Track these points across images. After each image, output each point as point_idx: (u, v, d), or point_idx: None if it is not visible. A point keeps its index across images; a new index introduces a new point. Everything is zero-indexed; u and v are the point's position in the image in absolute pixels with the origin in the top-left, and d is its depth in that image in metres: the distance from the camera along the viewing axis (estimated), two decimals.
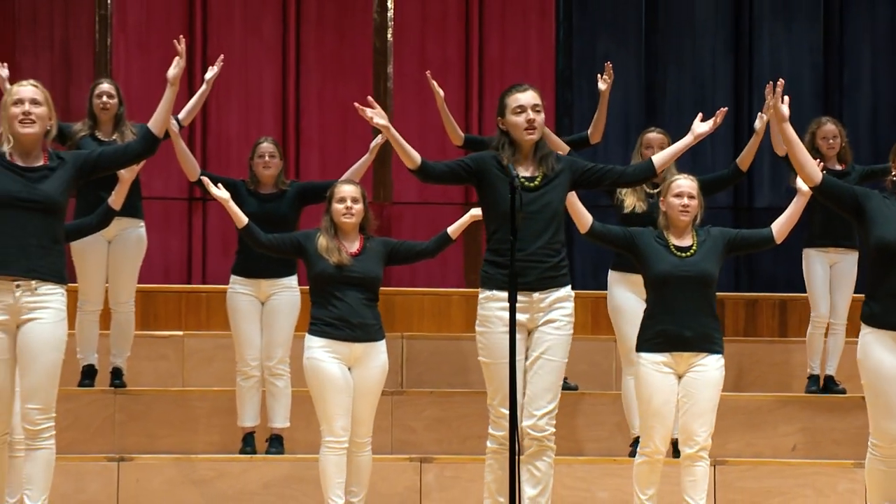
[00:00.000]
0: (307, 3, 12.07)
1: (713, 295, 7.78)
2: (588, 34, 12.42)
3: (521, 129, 7.03)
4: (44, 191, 6.66)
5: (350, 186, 8.20)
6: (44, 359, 6.68)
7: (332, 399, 8.02)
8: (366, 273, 8.05)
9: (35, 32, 11.77)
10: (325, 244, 8.05)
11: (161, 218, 11.60)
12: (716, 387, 7.72)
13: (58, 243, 6.74)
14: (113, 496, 9.02)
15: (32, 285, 6.66)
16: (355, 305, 8.02)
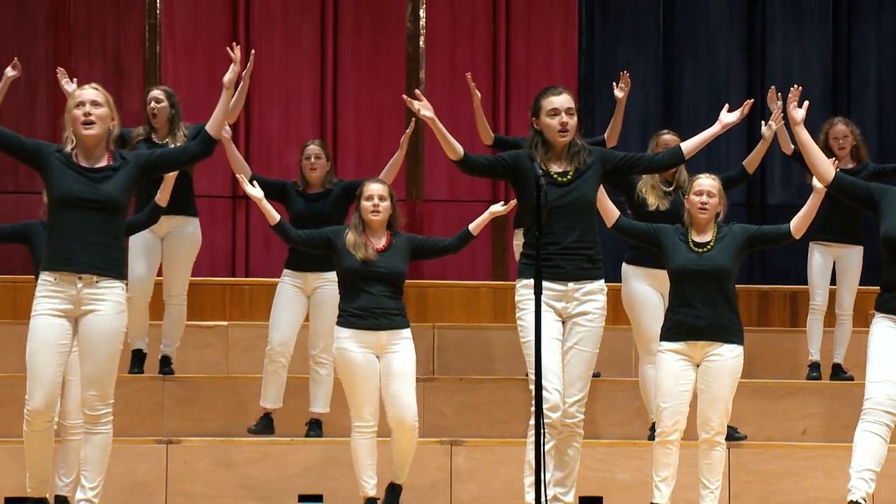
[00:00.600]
0: (344, 13, 12.09)
1: (730, 288, 7.77)
2: (609, 41, 12.41)
3: (555, 132, 7.05)
4: (105, 191, 6.70)
5: (378, 185, 8.22)
6: (103, 349, 6.72)
7: (359, 386, 8.06)
8: (390, 268, 8.07)
9: (90, 41, 11.81)
10: (352, 240, 8.09)
11: (207, 215, 11.61)
12: (730, 375, 7.73)
13: (118, 240, 6.77)
14: (162, 477, 9.05)
15: (93, 279, 6.70)
16: (379, 297, 8.05)
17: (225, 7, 11.94)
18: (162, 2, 11.90)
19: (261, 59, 11.95)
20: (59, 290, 6.70)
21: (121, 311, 6.74)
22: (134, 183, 6.81)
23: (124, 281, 6.79)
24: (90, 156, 6.77)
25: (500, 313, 11.20)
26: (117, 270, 6.74)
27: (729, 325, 7.74)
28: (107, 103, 6.81)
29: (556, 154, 7.09)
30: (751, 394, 9.78)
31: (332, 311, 9.19)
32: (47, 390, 6.73)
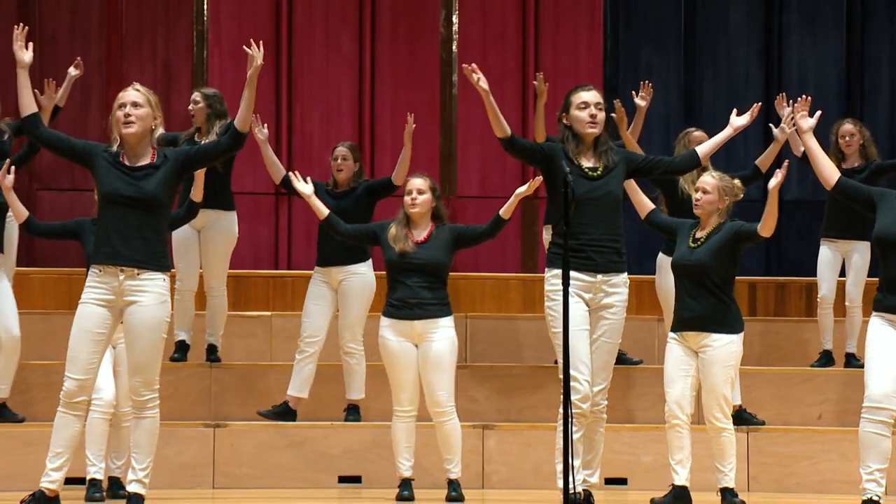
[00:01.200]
0: (381, 20, 12.08)
1: (717, 281, 7.71)
2: (632, 45, 12.38)
3: (584, 123, 7.02)
4: (145, 188, 6.70)
5: (418, 179, 8.22)
6: (146, 338, 6.73)
7: (396, 373, 8.08)
8: (428, 259, 8.06)
9: (140, 47, 11.84)
10: (394, 233, 8.09)
11: (251, 210, 11.66)
12: (720, 363, 7.69)
13: (159, 234, 6.77)
14: (209, 459, 9.07)
15: (135, 272, 6.71)
16: (415, 288, 8.04)
17: (268, 14, 11.95)
18: (209, 9, 11.91)
19: (302, 64, 11.96)
20: (103, 281, 6.72)
21: (161, 301, 6.74)
22: (174, 179, 6.81)
23: (167, 273, 6.79)
24: (134, 154, 6.79)
25: (530, 304, 11.19)
26: (158, 263, 6.74)
27: (716, 316, 7.70)
28: (147, 103, 6.80)
29: (586, 149, 7.06)
30: (768, 381, 9.77)
31: (356, 302, 9.18)
32: (81, 373, 6.75)
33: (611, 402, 7.24)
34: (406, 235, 8.08)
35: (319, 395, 9.35)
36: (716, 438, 7.76)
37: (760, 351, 10.31)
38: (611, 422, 7.48)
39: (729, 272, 7.76)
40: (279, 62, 11.88)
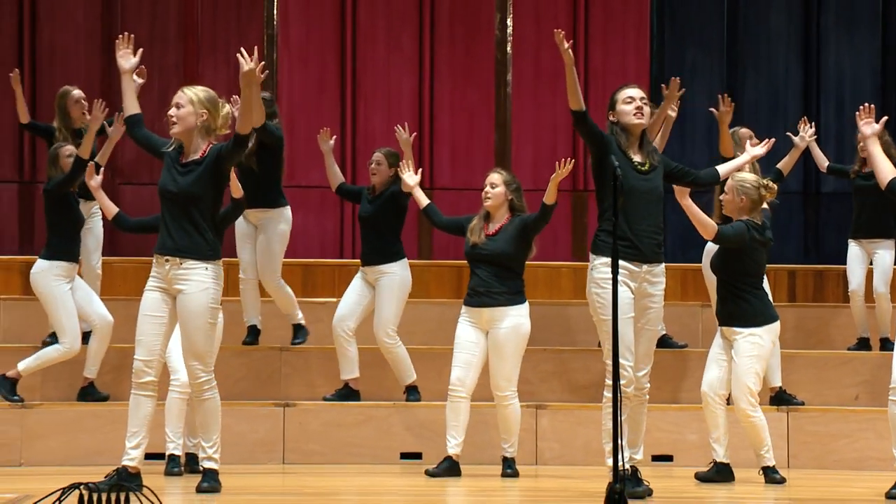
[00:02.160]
0: (440, 22, 12.06)
1: (732, 280, 7.73)
2: (677, 45, 12.29)
3: (630, 115, 6.95)
4: (182, 184, 6.75)
5: (495, 173, 8.25)
6: (193, 323, 6.74)
7: (456, 354, 8.08)
8: (493, 251, 8.05)
9: (214, 50, 11.86)
10: (472, 225, 8.14)
11: (318, 203, 11.66)
12: (744, 354, 7.70)
13: (199, 226, 6.75)
14: (279, 436, 9.09)
15: (178, 262, 6.74)
16: (484, 278, 8.04)
17: (334, 18, 11.94)
18: (278, 14, 11.92)
19: (365, 64, 11.96)
20: (157, 271, 6.80)
21: (204, 288, 6.73)
22: (211, 175, 6.78)
23: (211, 262, 6.76)
24: (186, 151, 6.85)
25: (580, 290, 11.12)
26: (200, 253, 6.74)
27: (736, 312, 7.73)
28: (190, 103, 6.80)
29: (634, 143, 6.98)
30: (807, 363, 9.70)
31: (388, 300, 9.11)
32: (145, 354, 6.78)
33: (657, 384, 7.19)
34: (481, 228, 8.11)
35: (382, 377, 9.34)
36: (742, 425, 7.75)
37: (799, 335, 10.23)
38: (657, 402, 7.46)
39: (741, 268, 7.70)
40: (344, 63, 11.88)
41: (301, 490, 7.58)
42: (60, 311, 8.88)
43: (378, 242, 9.18)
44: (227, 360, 9.36)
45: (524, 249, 8.14)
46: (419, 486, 7.79)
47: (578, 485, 7.74)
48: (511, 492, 7.56)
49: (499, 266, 8.04)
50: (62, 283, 8.90)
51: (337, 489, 7.61)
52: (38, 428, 8.88)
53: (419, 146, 11.92)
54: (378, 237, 9.19)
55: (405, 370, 9.24)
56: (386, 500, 7.13)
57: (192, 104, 6.80)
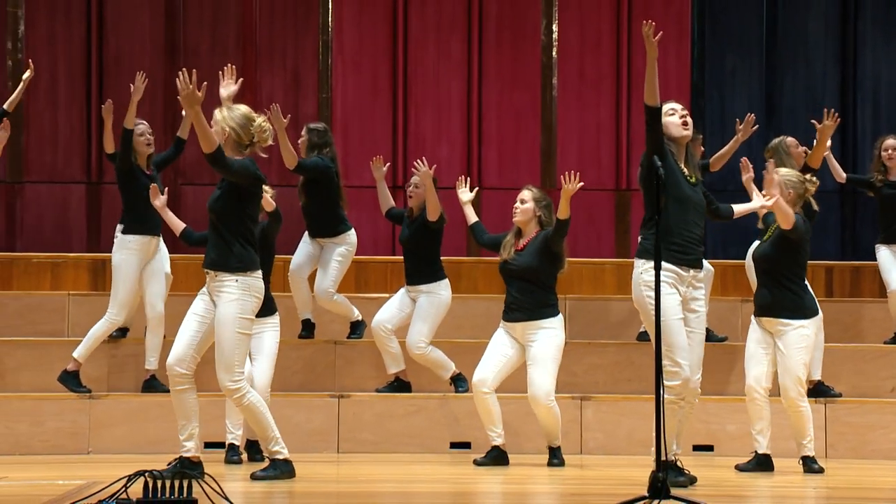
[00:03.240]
0: (487, 28, 12.02)
1: (782, 271, 7.66)
2: (717, 52, 12.19)
3: (678, 126, 6.85)
4: (210, 200, 6.85)
5: (525, 190, 8.20)
6: (219, 332, 6.75)
7: (484, 357, 8.12)
8: (520, 265, 8.05)
9: (272, 57, 11.88)
10: (505, 241, 8.13)
11: (371, 202, 11.61)
12: (794, 345, 7.64)
13: (227, 240, 6.75)
14: (334, 426, 9.09)
15: (213, 274, 6.78)
16: (516, 293, 8.07)
17: (386, 25, 11.92)
18: (333, 21, 11.92)
19: (416, 69, 11.94)
20: (207, 281, 6.87)
21: (232, 300, 6.71)
22: (232, 191, 6.77)
23: (240, 274, 6.74)
24: None
25: (623, 286, 11.08)
26: (229, 266, 6.75)
27: (787, 303, 7.67)
28: (216, 122, 6.81)
29: (681, 155, 6.87)
30: (845, 356, 9.62)
31: (424, 317, 9.05)
32: (178, 347, 6.82)
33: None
34: (512, 244, 8.09)
35: (429, 370, 9.30)
36: (789, 413, 7.70)
37: (836, 329, 10.11)
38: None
39: (794, 260, 7.63)
40: (395, 68, 11.86)
41: (354, 478, 7.56)
42: (118, 283, 8.93)
43: (418, 265, 9.13)
44: (283, 353, 9.34)
45: (550, 263, 8.05)
46: (468, 475, 7.76)
47: (622, 473, 7.69)
48: (557, 480, 7.51)
49: (527, 280, 8.02)
50: (131, 257, 8.91)
51: (389, 477, 7.59)
52: (104, 418, 8.92)
53: (468, 147, 11.88)
54: (417, 260, 9.14)
55: (443, 367, 9.19)
56: (436, 487, 7.10)
57: (217, 122, 6.80)
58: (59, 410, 8.90)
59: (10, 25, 11.61)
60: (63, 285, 10.77)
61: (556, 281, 8.16)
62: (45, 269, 10.90)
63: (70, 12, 11.67)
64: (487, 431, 8.17)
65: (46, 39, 11.64)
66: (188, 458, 6.84)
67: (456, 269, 10.68)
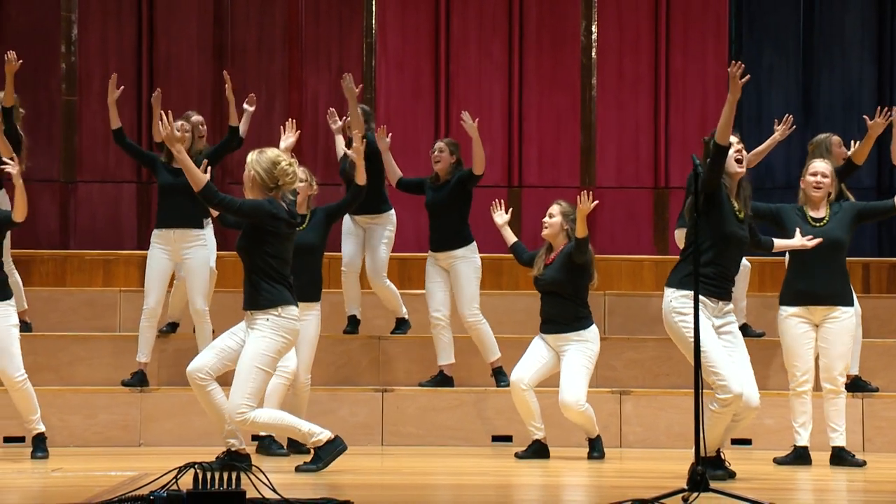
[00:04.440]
0: (528, 30, 11.99)
1: (844, 257, 7.58)
2: (755, 50, 12.11)
3: (731, 161, 6.70)
4: (237, 240, 6.93)
5: (555, 205, 8.18)
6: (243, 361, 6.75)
7: (523, 358, 8.11)
8: (548, 279, 8.06)
9: (317, 57, 11.90)
10: (537, 256, 8.14)
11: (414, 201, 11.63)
12: (848, 333, 7.61)
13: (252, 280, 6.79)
14: (378, 419, 9.09)
15: (248, 314, 6.82)
16: (548, 306, 8.08)
17: (429, 27, 11.92)
18: (377, 22, 11.93)
19: (458, 70, 11.94)
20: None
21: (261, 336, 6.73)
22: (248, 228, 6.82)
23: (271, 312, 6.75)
24: None
25: (661, 282, 10.97)
26: (258, 304, 6.78)
27: (843, 290, 7.59)
28: (247, 165, 6.83)
29: (733, 190, 6.71)
30: (882, 351, 9.54)
31: (466, 282, 9.03)
32: (204, 357, 6.87)
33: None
34: (543, 259, 8.09)
35: (473, 363, 9.30)
36: (833, 401, 7.73)
37: (874, 325, 10.01)
38: None
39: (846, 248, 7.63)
40: (438, 69, 11.86)
41: (399, 470, 7.56)
42: (146, 273, 9.03)
43: (448, 229, 9.06)
44: (328, 348, 9.39)
45: (577, 276, 8.00)
46: (509, 468, 7.75)
47: (661, 466, 7.64)
48: (596, 473, 7.48)
49: (557, 294, 8.02)
50: (154, 248, 8.98)
51: (432, 470, 7.58)
52: (155, 411, 8.97)
53: (509, 146, 11.86)
54: (448, 223, 9.07)
55: (490, 347, 9.16)
56: (479, 480, 7.09)
57: (247, 165, 6.84)
58: (111, 404, 8.96)
59: (63, 29, 11.70)
60: (115, 282, 10.84)
61: (587, 293, 8.10)
62: (98, 266, 10.97)
63: (121, 16, 11.73)
64: (528, 426, 8.16)
65: (99, 43, 11.72)
66: (236, 451, 6.86)
67: (497, 266, 10.66)
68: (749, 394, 6.64)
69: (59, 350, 9.41)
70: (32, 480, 6.82)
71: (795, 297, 7.62)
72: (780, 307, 7.69)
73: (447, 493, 6.42)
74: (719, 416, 6.61)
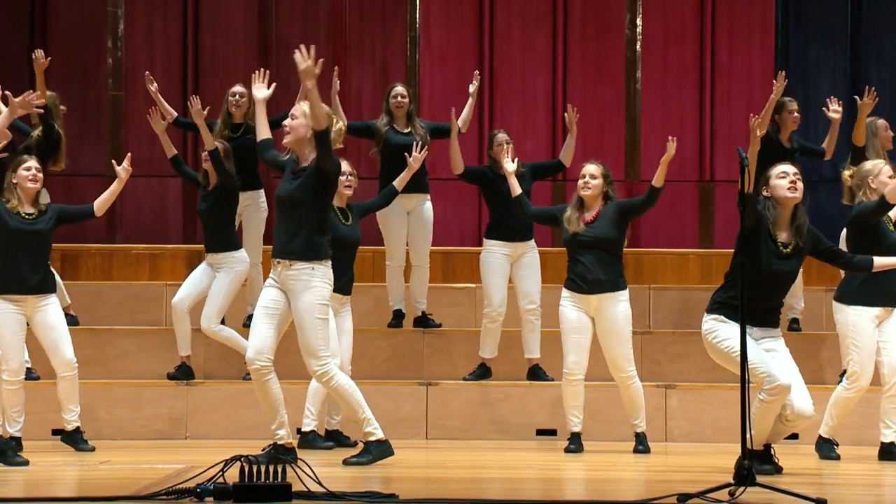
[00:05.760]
0: (572, 23, 11.96)
1: None
2: (802, 42, 12.01)
3: (784, 189, 6.61)
4: (288, 189, 6.80)
5: (592, 165, 8.11)
6: (302, 319, 6.75)
7: (569, 340, 7.98)
8: (596, 236, 7.94)
9: (361, 51, 11.93)
10: (568, 215, 7.98)
11: (457, 194, 11.64)
12: None
13: (303, 228, 6.75)
14: (423, 413, 9.09)
15: (288, 263, 6.75)
16: (590, 265, 7.91)
17: (472, 20, 11.92)
18: (421, 17, 11.94)
19: (502, 63, 11.93)
20: (274, 271, 6.84)
21: (309, 287, 6.74)
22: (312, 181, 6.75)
23: (315, 262, 6.76)
24: (301, 160, 6.87)
25: (706, 276, 10.97)
26: (303, 255, 6.76)
27: None
28: (303, 115, 6.80)
29: (785, 220, 6.65)
30: None
31: (535, 272, 9.03)
32: (256, 340, 6.82)
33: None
34: (578, 217, 7.96)
35: (516, 358, 9.28)
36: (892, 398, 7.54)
37: None
38: None
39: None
40: (482, 63, 11.85)
41: (444, 464, 7.56)
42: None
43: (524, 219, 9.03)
44: (373, 341, 9.40)
45: (623, 233, 8.03)
46: (555, 461, 7.73)
47: (707, 461, 7.60)
48: (643, 467, 7.45)
49: (602, 251, 7.91)
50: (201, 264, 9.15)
51: (478, 463, 7.58)
52: (201, 404, 9.01)
53: (553, 140, 11.83)
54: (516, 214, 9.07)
55: (536, 344, 9.14)
56: (524, 473, 7.08)
57: (305, 116, 6.80)
58: (157, 397, 9.01)
59: (110, 24, 11.78)
60: (161, 275, 10.91)
61: (622, 253, 8.11)
62: (144, 260, 11.04)
63: (167, 11, 11.80)
64: (570, 418, 8.08)
65: (144, 38, 11.79)
66: (282, 445, 6.89)
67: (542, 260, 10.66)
68: (802, 403, 6.66)
69: (105, 344, 9.47)
70: (81, 473, 6.87)
71: (866, 298, 7.49)
72: (849, 307, 7.55)
73: (493, 487, 6.41)
74: (767, 407, 6.58)
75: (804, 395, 6.69)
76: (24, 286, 7.68)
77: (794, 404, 6.65)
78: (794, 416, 6.69)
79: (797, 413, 6.66)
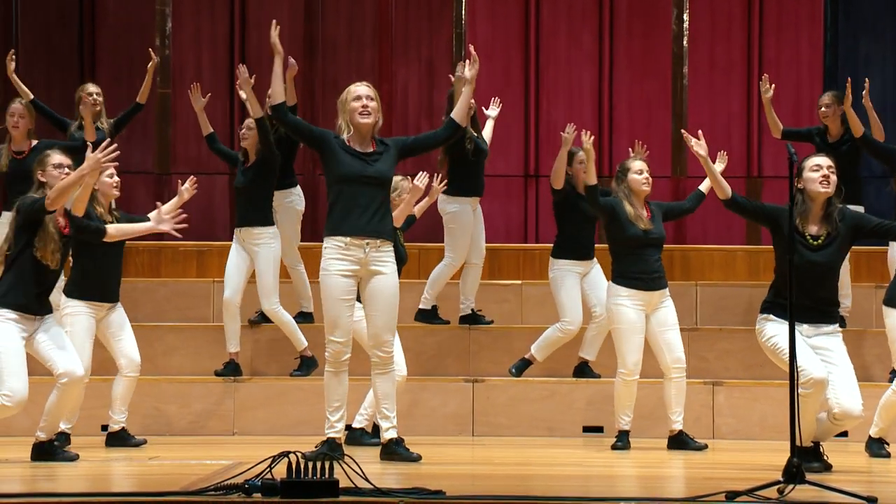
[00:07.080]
0: (618, 18, 11.92)
1: None
2: (851, 37, 11.91)
3: (816, 182, 6.58)
4: (379, 169, 6.73)
5: (643, 162, 8.07)
6: (389, 303, 6.78)
7: (631, 339, 7.94)
8: (661, 234, 7.97)
9: (407, 49, 11.93)
10: (632, 212, 7.90)
11: (503, 191, 11.63)
12: None
13: (389, 209, 6.84)
14: (469, 409, 9.09)
15: (377, 243, 6.73)
16: (654, 262, 7.93)
17: (518, 16, 11.90)
18: (467, 13, 11.93)
19: (548, 59, 11.90)
20: (349, 253, 6.74)
21: (394, 270, 6.83)
22: (397, 162, 6.85)
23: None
24: (363, 141, 6.80)
25: (754, 273, 10.90)
26: (391, 235, 6.84)
27: None
28: (377, 98, 6.82)
29: (817, 213, 6.61)
30: None
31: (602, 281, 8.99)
32: (342, 334, 6.82)
33: None
34: (643, 216, 7.93)
35: (562, 354, 9.26)
36: None
37: None
38: None
39: None
40: (528, 58, 11.83)
41: (490, 460, 7.55)
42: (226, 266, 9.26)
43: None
44: (419, 338, 9.40)
45: None
46: (601, 458, 7.70)
47: (756, 458, 7.56)
48: (690, 464, 7.41)
49: (660, 248, 7.99)
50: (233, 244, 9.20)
51: (524, 460, 7.56)
52: (248, 400, 9.05)
53: (599, 136, 11.79)
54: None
55: (598, 347, 9.10)
56: (571, 470, 7.06)
57: (377, 100, 6.85)
58: (205, 393, 9.06)
59: (158, 23, 11.85)
60: (208, 272, 10.96)
61: None
62: (192, 257, 11.10)
63: (214, 9, 11.86)
64: (622, 416, 8.05)
65: (192, 36, 11.86)
66: (334, 440, 6.90)
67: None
68: (850, 403, 6.63)
69: (154, 340, 9.53)
70: (131, 469, 6.92)
71: None
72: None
73: (540, 483, 6.40)
74: (805, 400, 6.53)
75: (853, 394, 6.65)
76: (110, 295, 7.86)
77: (843, 403, 6.61)
78: (841, 415, 6.67)
79: (845, 412, 6.63)
